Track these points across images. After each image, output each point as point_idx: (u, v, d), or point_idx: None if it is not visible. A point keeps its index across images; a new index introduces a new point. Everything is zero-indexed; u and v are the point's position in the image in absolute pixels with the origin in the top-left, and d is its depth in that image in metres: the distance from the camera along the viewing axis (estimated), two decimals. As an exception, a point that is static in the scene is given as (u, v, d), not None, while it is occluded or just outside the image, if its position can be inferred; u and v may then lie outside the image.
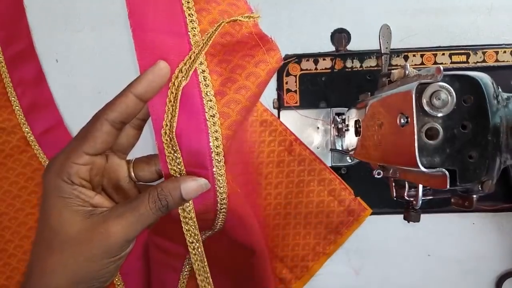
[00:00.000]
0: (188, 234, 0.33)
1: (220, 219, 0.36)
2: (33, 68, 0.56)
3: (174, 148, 0.31)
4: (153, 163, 0.35)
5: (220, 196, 0.33)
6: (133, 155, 0.35)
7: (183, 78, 0.31)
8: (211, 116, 0.31)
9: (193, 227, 0.33)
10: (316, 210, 0.53)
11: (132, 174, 0.34)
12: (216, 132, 0.31)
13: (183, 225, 0.33)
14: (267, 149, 0.53)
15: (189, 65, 0.31)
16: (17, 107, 0.55)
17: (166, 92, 0.31)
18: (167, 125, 0.31)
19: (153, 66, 0.30)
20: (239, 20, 0.34)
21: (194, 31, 0.32)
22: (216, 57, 0.33)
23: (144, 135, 0.35)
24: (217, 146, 0.31)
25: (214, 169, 0.32)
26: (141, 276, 0.52)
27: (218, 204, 0.34)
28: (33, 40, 0.56)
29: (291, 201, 0.53)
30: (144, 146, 0.36)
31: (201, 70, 0.32)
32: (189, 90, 0.32)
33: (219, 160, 0.32)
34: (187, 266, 0.46)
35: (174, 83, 0.31)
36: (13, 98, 0.54)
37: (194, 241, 0.33)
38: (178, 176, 0.32)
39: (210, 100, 0.32)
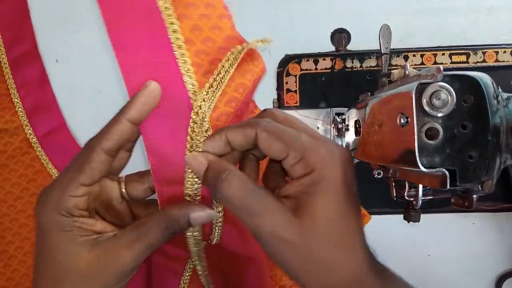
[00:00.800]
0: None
1: (217, 232, 0.36)
2: (37, 69, 0.56)
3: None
4: (145, 180, 0.34)
5: (216, 209, 0.33)
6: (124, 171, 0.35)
7: (208, 109, 0.31)
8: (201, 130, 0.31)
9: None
10: None
11: (125, 193, 0.34)
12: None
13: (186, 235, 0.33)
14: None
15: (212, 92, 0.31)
16: (20, 109, 0.54)
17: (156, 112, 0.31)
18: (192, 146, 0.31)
19: (144, 89, 0.29)
20: (245, 44, 0.33)
21: (179, 41, 0.31)
22: (202, 68, 0.32)
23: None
24: None
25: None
26: (141, 280, 0.51)
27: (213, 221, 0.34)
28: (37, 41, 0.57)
29: None
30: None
31: (190, 85, 0.31)
32: (179, 104, 0.31)
33: None
34: (188, 270, 0.46)
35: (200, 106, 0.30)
36: (16, 100, 0.54)
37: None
38: (187, 200, 0.32)
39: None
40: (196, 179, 0.32)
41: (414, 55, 0.53)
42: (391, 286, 0.30)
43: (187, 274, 0.46)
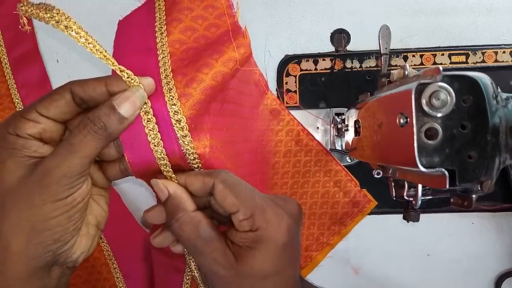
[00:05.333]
0: None
1: None
2: (37, 70, 0.56)
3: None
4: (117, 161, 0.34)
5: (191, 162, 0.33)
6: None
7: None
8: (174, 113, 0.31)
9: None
10: (321, 201, 0.53)
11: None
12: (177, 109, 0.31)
13: None
14: (275, 138, 0.53)
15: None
16: (20, 109, 0.54)
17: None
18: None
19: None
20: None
21: (163, 42, 0.33)
22: (177, 57, 0.34)
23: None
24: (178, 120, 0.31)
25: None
26: (143, 279, 0.52)
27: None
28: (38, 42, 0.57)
29: (297, 191, 0.53)
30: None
31: (165, 80, 0.32)
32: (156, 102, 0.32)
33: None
34: (190, 267, 0.46)
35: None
36: (17, 100, 0.54)
37: None
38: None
39: (174, 104, 0.31)
40: (172, 175, 0.32)
41: (413, 56, 0.53)
42: None
43: (189, 271, 0.46)
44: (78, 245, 0.31)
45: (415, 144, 0.28)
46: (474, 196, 0.31)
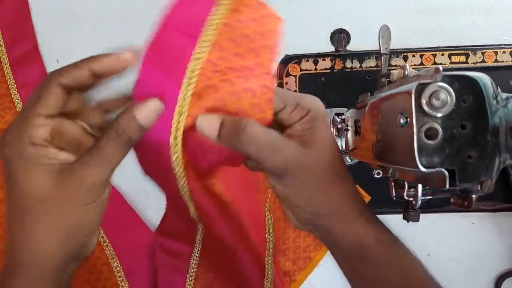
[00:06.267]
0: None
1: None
2: (38, 70, 0.56)
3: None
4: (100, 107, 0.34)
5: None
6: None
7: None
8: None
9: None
10: None
11: (85, 125, 0.33)
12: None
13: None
14: None
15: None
16: (20, 109, 0.55)
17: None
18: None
19: (118, 53, 0.31)
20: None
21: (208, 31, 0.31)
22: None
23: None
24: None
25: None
26: (147, 278, 0.52)
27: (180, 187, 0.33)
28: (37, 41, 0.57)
29: None
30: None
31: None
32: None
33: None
34: (193, 267, 0.46)
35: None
36: (17, 100, 0.54)
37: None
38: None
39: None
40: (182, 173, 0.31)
41: (413, 56, 0.53)
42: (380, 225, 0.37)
43: (192, 272, 0.46)
44: (95, 237, 0.33)
45: (415, 144, 0.28)
46: (474, 196, 0.31)
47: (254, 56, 0.32)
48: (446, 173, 0.27)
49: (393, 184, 0.41)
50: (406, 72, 0.35)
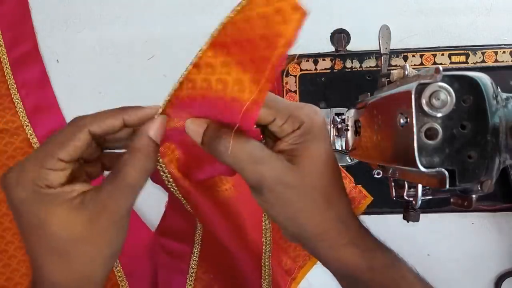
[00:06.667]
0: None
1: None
2: (38, 70, 0.56)
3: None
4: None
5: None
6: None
7: None
8: None
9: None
10: None
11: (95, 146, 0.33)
12: None
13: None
14: None
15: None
16: (20, 109, 0.55)
17: None
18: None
19: (149, 107, 0.30)
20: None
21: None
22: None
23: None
24: None
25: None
26: (147, 278, 0.52)
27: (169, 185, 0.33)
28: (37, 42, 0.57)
29: None
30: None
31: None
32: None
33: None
34: (193, 267, 0.46)
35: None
36: (16, 100, 0.54)
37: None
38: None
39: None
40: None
41: (413, 56, 0.53)
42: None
43: (192, 272, 0.46)
44: None
45: (415, 144, 0.28)
46: (474, 196, 0.31)
47: (254, 71, 0.28)
48: (446, 173, 0.27)
49: (393, 184, 0.41)
50: (406, 72, 0.35)
